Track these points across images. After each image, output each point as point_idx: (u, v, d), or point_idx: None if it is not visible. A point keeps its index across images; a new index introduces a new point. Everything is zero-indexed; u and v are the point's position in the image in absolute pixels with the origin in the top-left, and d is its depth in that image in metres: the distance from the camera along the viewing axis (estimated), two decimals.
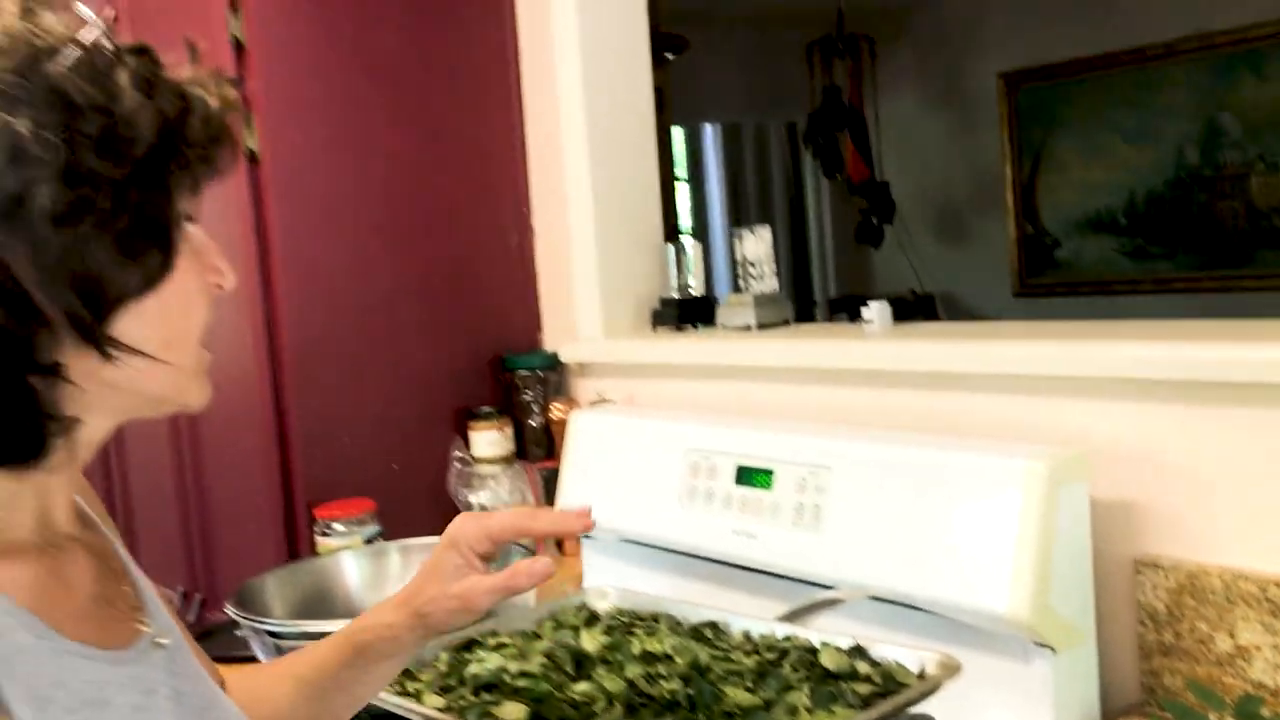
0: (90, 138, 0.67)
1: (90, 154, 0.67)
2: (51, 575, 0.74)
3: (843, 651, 1.05)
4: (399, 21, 1.86)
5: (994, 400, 1.36)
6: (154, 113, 0.70)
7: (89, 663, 0.72)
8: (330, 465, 1.79)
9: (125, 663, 0.75)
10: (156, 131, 0.70)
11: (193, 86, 0.74)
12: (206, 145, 0.74)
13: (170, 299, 0.73)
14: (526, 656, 1.11)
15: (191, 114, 0.73)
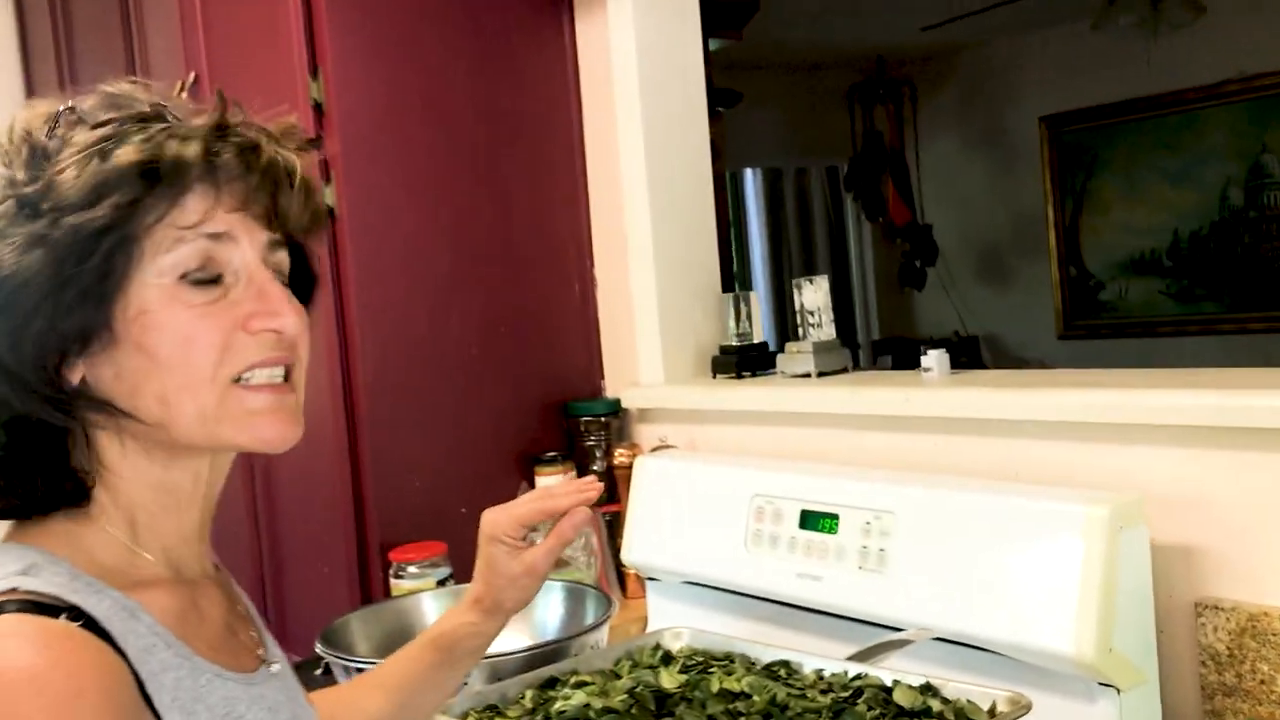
0: (22, 203, 0.75)
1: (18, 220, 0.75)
2: (190, 606, 0.82)
3: (915, 689, 1.10)
4: (468, 83, 1.94)
5: (1053, 446, 1.40)
6: (94, 171, 0.75)
7: (224, 682, 0.79)
8: (401, 508, 1.85)
9: (253, 684, 0.83)
10: (91, 188, 0.74)
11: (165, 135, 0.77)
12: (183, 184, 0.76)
13: (159, 343, 0.76)
14: (608, 694, 1.16)
15: (160, 156, 0.75)
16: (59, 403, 0.78)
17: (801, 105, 5.94)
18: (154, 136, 0.77)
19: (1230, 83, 4.81)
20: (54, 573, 0.75)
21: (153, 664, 0.74)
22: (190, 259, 0.77)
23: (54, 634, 0.70)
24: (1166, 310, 5.27)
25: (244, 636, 0.88)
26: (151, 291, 0.76)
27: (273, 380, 0.81)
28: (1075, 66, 5.37)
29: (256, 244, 0.80)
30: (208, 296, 0.78)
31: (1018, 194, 5.76)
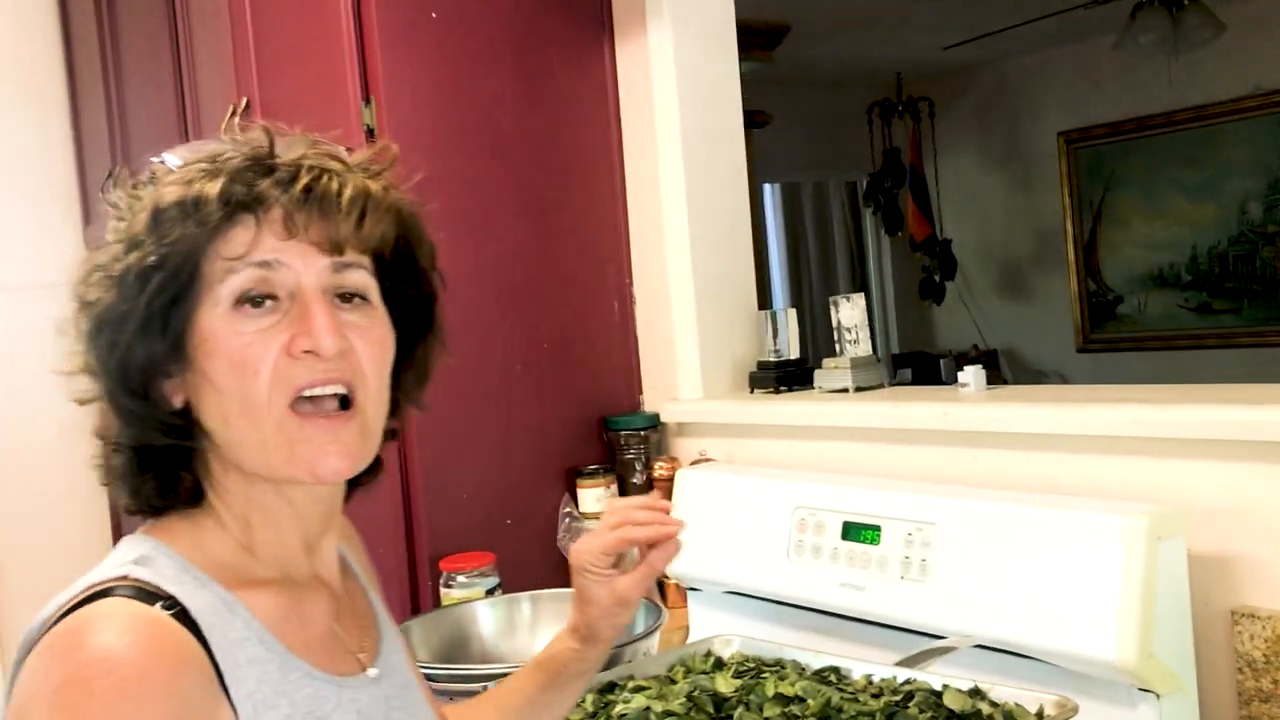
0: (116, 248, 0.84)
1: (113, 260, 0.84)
2: (292, 607, 0.87)
3: (964, 694, 1.14)
4: (514, 108, 2.00)
5: (1091, 460, 1.45)
6: (147, 212, 0.83)
7: (312, 681, 0.84)
8: (450, 520, 1.90)
9: (345, 687, 0.87)
10: (146, 227, 0.82)
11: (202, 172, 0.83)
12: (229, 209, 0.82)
13: (216, 369, 0.82)
14: (666, 698, 1.21)
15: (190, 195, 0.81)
16: (163, 425, 0.85)
17: (821, 121, 6.00)
18: (193, 178, 0.83)
19: (1249, 99, 4.85)
20: (165, 565, 0.82)
21: (239, 657, 0.80)
22: (242, 285, 0.82)
23: (142, 619, 0.76)
24: (1185, 324, 5.30)
25: (349, 642, 0.92)
26: (212, 319, 0.82)
27: (327, 410, 0.83)
28: (1094, 82, 5.42)
29: (313, 269, 0.83)
30: (261, 324, 0.82)
31: (1037, 208, 5.80)
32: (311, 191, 0.83)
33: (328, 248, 0.84)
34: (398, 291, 0.92)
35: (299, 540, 0.90)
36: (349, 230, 0.84)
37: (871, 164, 5.98)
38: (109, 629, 0.75)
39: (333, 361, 0.83)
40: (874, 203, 5.96)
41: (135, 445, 0.86)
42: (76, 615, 0.77)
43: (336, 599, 0.93)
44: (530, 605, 1.61)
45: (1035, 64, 5.67)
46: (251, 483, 0.86)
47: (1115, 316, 5.57)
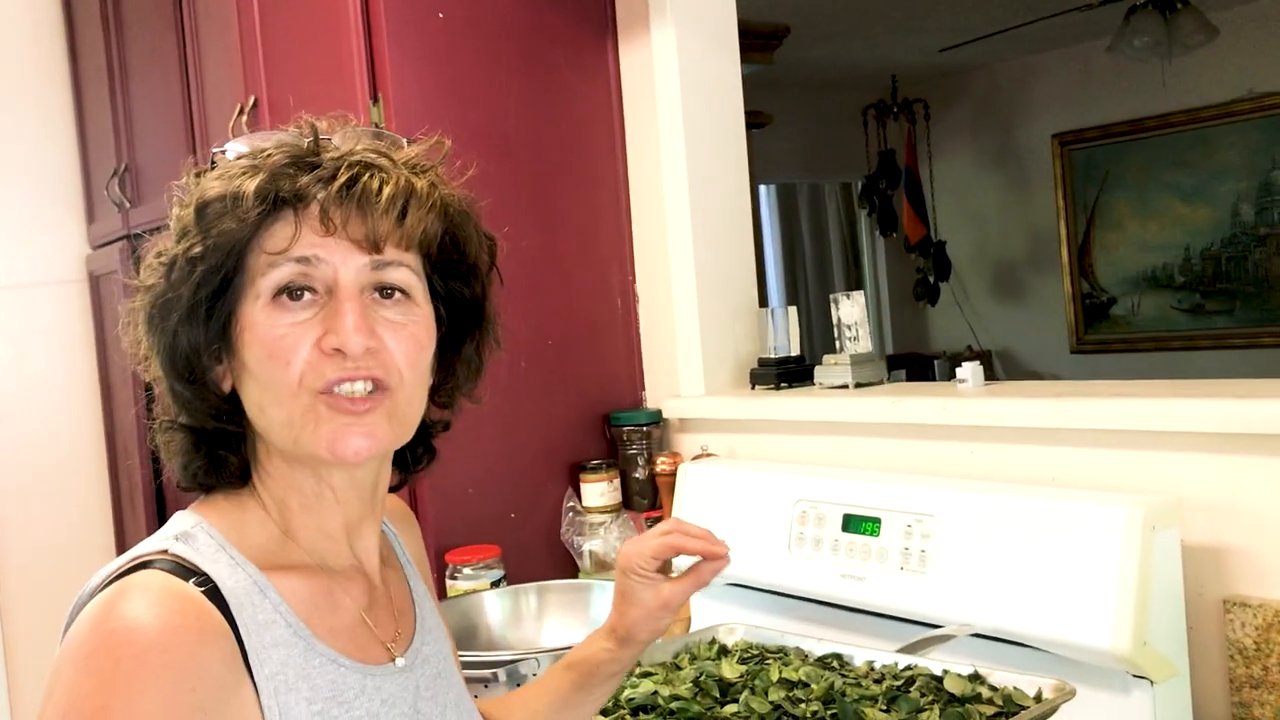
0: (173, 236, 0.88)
1: (164, 247, 0.88)
2: (323, 594, 0.89)
3: (965, 678, 1.17)
4: (519, 108, 2.03)
5: (1088, 453, 1.48)
6: (193, 204, 0.86)
7: (335, 667, 0.86)
8: (455, 514, 1.93)
9: (370, 675, 0.89)
10: (192, 219, 0.85)
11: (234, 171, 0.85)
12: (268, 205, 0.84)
13: (252, 358, 0.85)
14: (673, 683, 1.24)
15: (231, 191, 0.84)
16: (212, 409, 0.88)
17: (817, 123, 6.03)
18: (235, 174, 0.85)
19: (1242, 101, 4.90)
20: (205, 543, 0.85)
21: (265, 638, 0.82)
22: (281, 280, 0.85)
23: (172, 594, 0.79)
24: (1178, 325, 5.35)
25: (380, 631, 0.93)
26: (253, 311, 0.85)
27: (353, 395, 0.85)
28: (1088, 85, 5.46)
29: (352, 265, 0.85)
30: (298, 317, 0.85)
31: (1031, 210, 5.84)
32: (351, 189, 0.84)
33: (366, 245, 0.85)
34: (447, 288, 0.93)
35: (339, 526, 0.92)
36: (389, 227, 0.85)
37: (867, 165, 6.02)
38: (140, 601, 0.78)
39: (360, 360, 0.84)
40: (869, 204, 6.00)
41: (187, 426, 0.89)
42: (116, 585, 0.80)
43: (372, 588, 0.94)
44: (537, 596, 1.63)
45: (1030, 66, 5.71)
46: (292, 467, 0.89)
47: (1108, 318, 5.61)
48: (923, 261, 5.89)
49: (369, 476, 0.91)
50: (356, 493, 0.91)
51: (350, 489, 0.91)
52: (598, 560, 1.98)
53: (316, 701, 0.84)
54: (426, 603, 1.02)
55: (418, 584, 1.03)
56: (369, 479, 0.92)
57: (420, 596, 1.02)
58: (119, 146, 2.77)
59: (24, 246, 2.96)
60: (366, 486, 0.92)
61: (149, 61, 2.61)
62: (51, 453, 2.92)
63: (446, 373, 0.95)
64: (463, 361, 0.97)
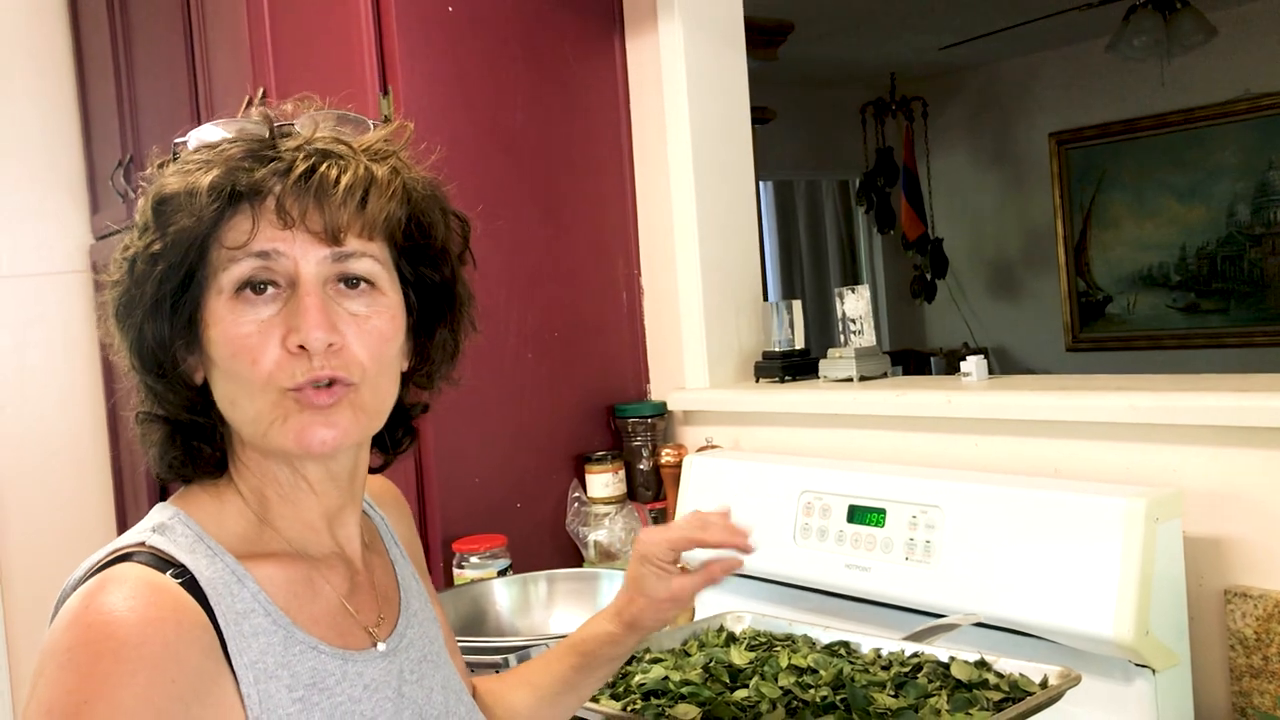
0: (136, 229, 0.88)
1: (129, 241, 0.88)
2: (302, 581, 0.90)
3: (971, 665, 1.19)
4: (527, 102, 2.05)
5: (1090, 445, 1.50)
6: (150, 200, 0.86)
7: (316, 654, 0.86)
8: (462, 504, 1.95)
9: (351, 661, 0.89)
10: (151, 212, 0.85)
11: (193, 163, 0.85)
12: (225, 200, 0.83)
13: (219, 354, 0.85)
14: (683, 669, 1.25)
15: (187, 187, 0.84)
16: (184, 401, 0.89)
17: (815, 120, 6.05)
18: (191, 167, 0.85)
19: (1238, 102, 4.92)
20: (182, 533, 0.86)
21: (245, 627, 0.83)
22: (242, 275, 0.84)
23: (150, 586, 0.80)
24: (1173, 324, 5.38)
25: (362, 616, 0.93)
26: (217, 305, 0.85)
27: (317, 389, 0.85)
28: (1086, 84, 5.49)
29: (312, 259, 0.84)
30: (261, 314, 0.84)
31: (1028, 209, 5.87)
32: (308, 180, 0.83)
33: (326, 237, 0.84)
34: (416, 273, 0.93)
35: (319, 515, 0.92)
36: (349, 217, 0.84)
37: (865, 163, 6.04)
38: (117, 594, 0.79)
39: (321, 357, 0.84)
40: (867, 201, 6.02)
41: (161, 417, 0.90)
42: (95, 579, 0.81)
43: (354, 573, 0.95)
44: (546, 584, 1.65)
45: (1028, 65, 5.74)
46: (267, 459, 0.89)
47: (1104, 316, 5.64)
48: (920, 259, 5.92)
49: (345, 465, 0.92)
50: (333, 483, 0.92)
51: (326, 480, 0.91)
52: (602, 550, 1.99)
53: (297, 689, 0.84)
54: (414, 587, 1.02)
55: (404, 568, 1.03)
56: (345, 468, 0.92)
57: (406, 580, 1.02)
58: (124, 137, 2.78)
59: (27, 236, 2.97)
60: (343, 476, 0.92)
61: (155, 51, 2.61)
62: (53, 442, 2.93)
63: (421, 356, 0.95)
64: (436, 345, 0.97)
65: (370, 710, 0.88)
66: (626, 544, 2.00)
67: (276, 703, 0.82)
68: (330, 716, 0.85)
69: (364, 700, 0.88)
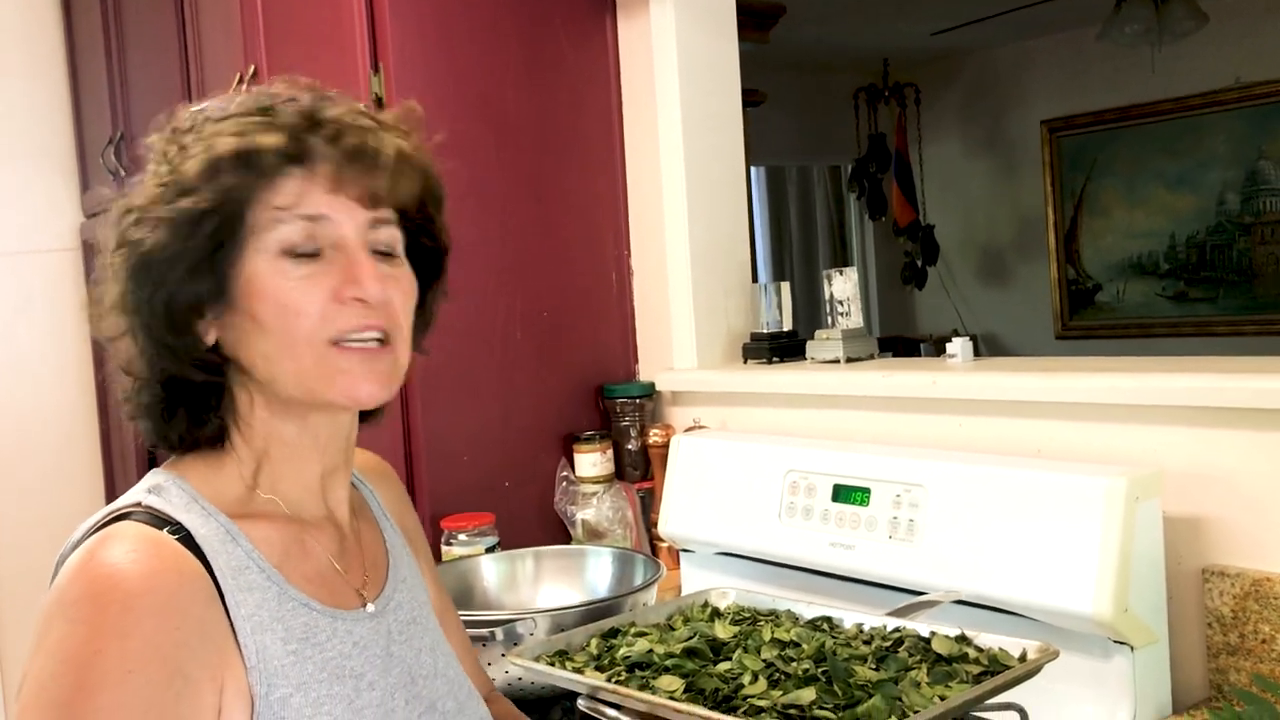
0: (163, 190, 0.88)
1: (156, 205, 0.88)
2: (294, 542, 0.93)
3: (952, 639, 1.21)
4: (518, 81, 2.05)
5: (1073, 426, 1.52)
6: (201, 159, 0.87)
7: (306, 610, 0.90)
8: (451, 482, 1.96)
9: (340, 619, 0.93)
10: (200, 174, 0.87)
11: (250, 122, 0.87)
12: (282, 162, 0.87)
13: (263, 309, 0.87)
14: (668, 643, 1.27)
15: (249, 147, 0.86)
16: (197, 360, 0.91)
17: (807, 106, 6.05)
18: (248, 130, 0.88)
19: (1229, 90, 4.93)
20: (176, 495, 0.89)
21: (240, 581, 0.86)
22: (290, 237, 0.88)
23: (150, 541, 0.83)
24: (1162, 312, 5.40)
25: (352, 578, 0.97)
26: (258, 264, 0.88)
27: (365, 344, 0.90)
28: (1078, 72, 5.49)
29: (355, 223, 0.90)
30: (307, 270, 0.88)
31: (1019, 196, 5.88)
32: (360, 149, 0.88)
33: (368, 203, 0.89)
34: (416, 244, 0.98)
35: (316, 476, 0.96)
36: (386, 187, 0.90)
37: (857, 149, 6.04)
38: (118, 549, 0.82)
39: (376, 309, 0.89)
40: (859, 187, 6.02)
41: (164, 381, 0.92)
42: (95, 537, 0.84)
43: (343, 537, 0.99)
44: (533, 561, 1.66)
45: (1020, 52, 5.74)
46: (276, 416, 0.92)
47: (1093, 304, 5.66)
48: (911, 245, 5.93)
49: (348, 425, 0.97)
50: (335, 441, 0.96)
51: (333, 436, 0.95)
52: (590, 529, 2.01)
53: (291, 642, 0.88)
54: (403, 556, 1.06)
55: (393, 537, 1.06)
56: (347, 428, 0.97)
57: (395, 548, 1.05)
58: (115, 115, 2.77)
59: (17, 214, 2.96)
60: (343, 435, 0.97)
61: (146, 29, 2.61)
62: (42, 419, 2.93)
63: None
64: (422, 314, 1.02)
65: (360, 666, 0.92)
66: (614, 523, 2.02)
67: (272, 654, 0.86)
68: (322, 669, 0.88)
69: (354, 656, 0.92)
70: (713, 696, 1.10)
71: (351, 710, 0.89)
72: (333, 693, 0.88)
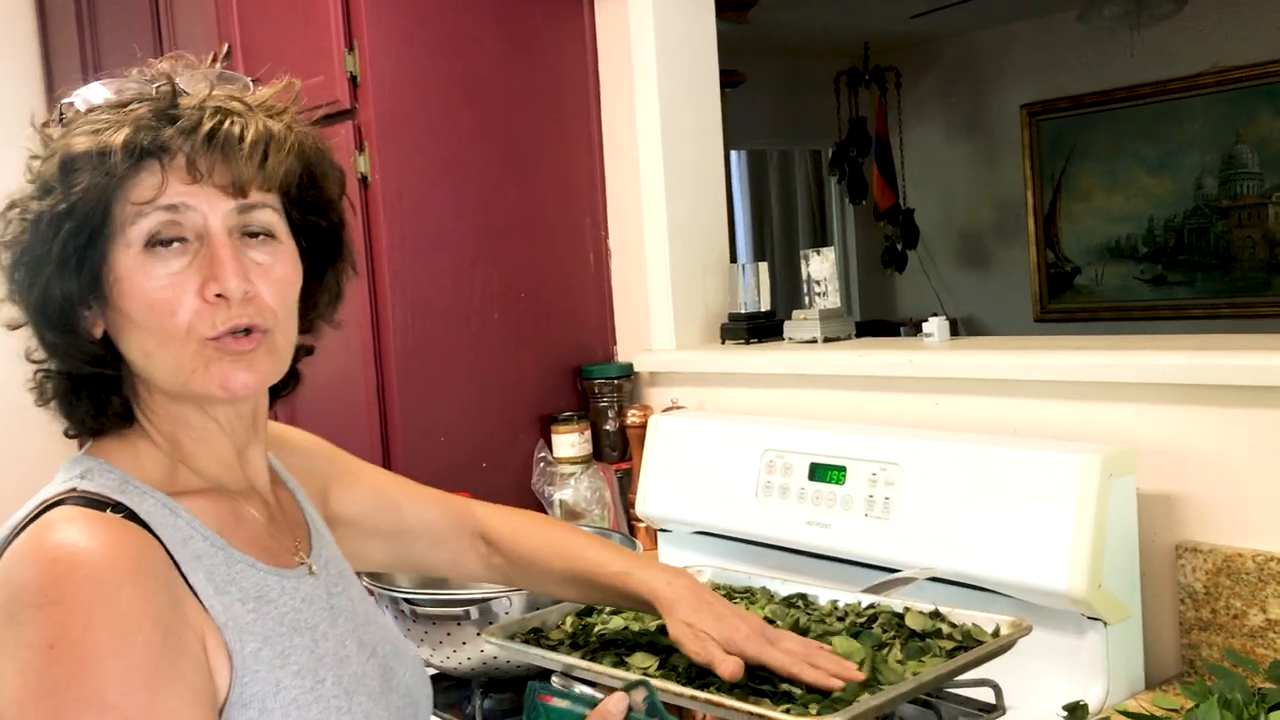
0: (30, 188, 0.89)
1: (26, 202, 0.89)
2: (228, 511, 0.95)
3: (926, 615, 1.21)
4: (495, 61, 2.04)
5: (1047, 404, 1.52)
6: (56, 160, 0.87)
7: (254, 570, 0.92)
8: (427, 462, 1.95)
9: (286, 577, 0.95)
10: (55, 175, 0.86)
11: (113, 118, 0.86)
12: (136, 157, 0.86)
13: (133, 308, 0.87)
14: (643, 620, 1.27)
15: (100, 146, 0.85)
16: (84, 354, 0.91)
17: (788, 90, 6.04)
18: (101, 128, 0.87)
19: (1208, 74, 4.95)
20: (106, 478, 0.90)
21: (189, 551, 0.87)
22: (150, 229, 0.87)
23: (101, 521, 0.83)
24: (1140, 295, 5.42)
25: (285, 541, 1.00)
26: (125, 261, 0.87)
27: (236, 337, 0.89)
28: (1058, 56, 5.50)
29: (218, 212, 0.88)
30: (173, 266, 0.87)
31: (999, 180, 5.89)
32: (215, 137, 0.87)
33: (232, 190, 0.88)
34: (306, 223, 0.97)
35: (230, 452, 0.97)
36: (252, 172, 0.89)
37: (838, 133, 6.04)
38: (68, 530, 0.82)
39: (238, 305, 0.88)
40: (839, 171, 6.02)
41: (63, 372, 0.93)
42: (35, 525, 0.84)
43: (267, 505, 1.01)
44: None
45: (1000, 36, 5.74)
46: (175, 403, 0.93)
47: (1072, 287, 5.68)
48: (891, 229, 5.93)
49: (248, 406, 0.97)
50: (240, 421, 0.97)
51: (234, 419, 0.96)
52: (568, 510, 2.00)
53: (247, 601, 0.90)
54: (315, 516, 1.09)
55: (304, 500, 1.09)
56: (248, 408, 0.97)
57: (309, 510, 1.08)
58: None
59: None
60: (247, 415, 0.98)
61: (119, 4, 2.58)
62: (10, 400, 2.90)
63: (309, 301, 1.00)
64: (324, 289, 1.02)
65: (311, 619, 0.95)
66: (592, 503, 2.01)
67: (235, 613, 0.87)
68: (280, 623, 0.91)
69: (304, 610, 0.95)
70: (686, 673, 1.10)
71: (314, 658, 0.92)
72: (295, 644, 0.91)
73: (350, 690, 0.94)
